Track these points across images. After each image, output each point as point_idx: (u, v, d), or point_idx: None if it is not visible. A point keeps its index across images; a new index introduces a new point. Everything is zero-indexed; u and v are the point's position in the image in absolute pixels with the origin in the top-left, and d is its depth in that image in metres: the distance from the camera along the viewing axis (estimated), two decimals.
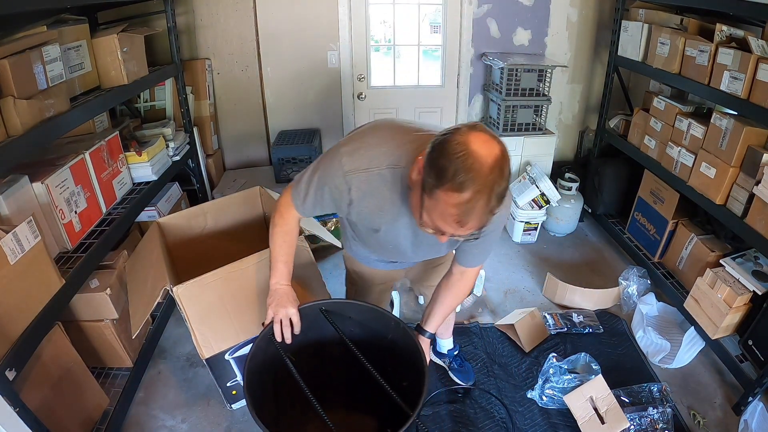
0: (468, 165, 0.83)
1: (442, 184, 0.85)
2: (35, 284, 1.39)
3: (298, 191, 1.20)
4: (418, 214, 0.96)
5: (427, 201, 0.90)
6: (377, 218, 1.14)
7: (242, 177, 3.03)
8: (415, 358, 1.23)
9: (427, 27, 3.18)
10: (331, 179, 1.10)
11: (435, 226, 0.94)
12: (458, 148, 0.85)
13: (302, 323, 1.30)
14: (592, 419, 1.72)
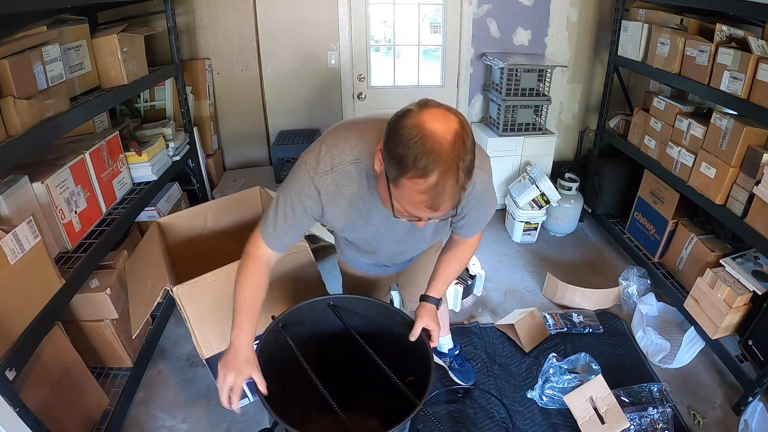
0: (428, 148, 0.79)
1: (405, 173, 0.81)
2: (35, 284, 1.39)
3: (266, 223, 1.13)
4: (389, 205, 0.93)
5: (394, 191, 0.87)
6: (352, 217, 1.11)
7: (242, 177, 3.03)
8: (421, 353, 1.22)
9: (427, 27, 3.18)
10: (299, 189, 1.05)
11: (408, 214, 0.91)
12: (413, 131, 0.80)
13: (311, 317, 1.27)
14: (592, 419, 1.72)
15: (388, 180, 0.86)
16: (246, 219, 2.20)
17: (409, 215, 0.91)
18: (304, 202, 1.07)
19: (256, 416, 1.84)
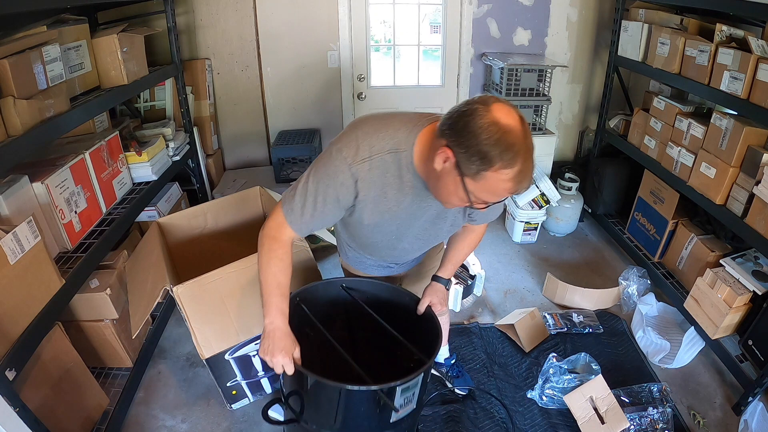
0: (510, 141, 0.88)
1: (491, 166, 0.89)
2: (35, 284, 1.39)
3: (292, 207, 1.11)
4: (453, 198, 0.99)
5: (472, 184, 0.93)
6: (380, 207, 1.12)
7: (242, 177, 3.03)
8: (428, 324, 1.29)
9: (427, 27, 3.18)
10: (335, 177, 1.06)
11: (482, 202, 0.98)
12: (492, 129, 0.88)
13: (325, 297, 1.31)
14: (592, 419, 1.72)
15: (463, 175, 0.92)
16: (246, 219, 2.20)
17: (483, 202, 0.98)
18: (338, 192, 1.07)
19: (256, 416, 1.84)
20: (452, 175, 0.95)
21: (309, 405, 1.16)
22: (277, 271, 1.12)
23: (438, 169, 0.97)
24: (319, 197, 1.08)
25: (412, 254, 1.40)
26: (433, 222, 1.21)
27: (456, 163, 0.93)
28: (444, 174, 0.97)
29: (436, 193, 1.05)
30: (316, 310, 1.30)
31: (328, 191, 1.07)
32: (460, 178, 0.94)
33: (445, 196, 1.02)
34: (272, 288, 1.11)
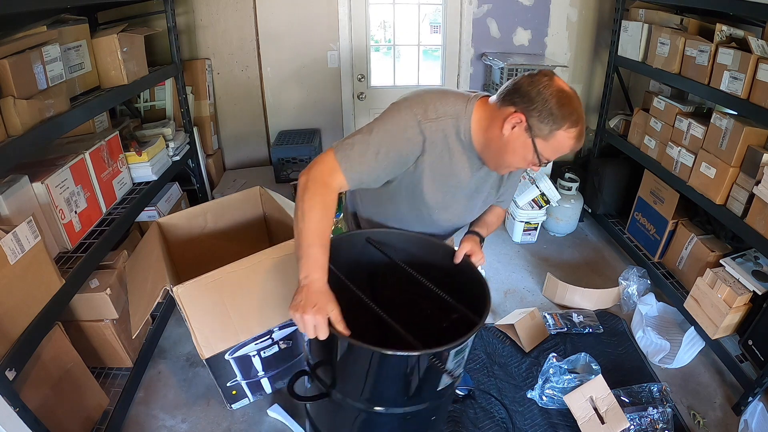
0: (574, 105, 1.03)
1: (562, 126, 1.02)
2: (35, 284, 1.39)
3: (349, 155, 1.04)
4: (517, 160, 1.09)
5: (542, 144, 1.05)
6: (435, 171, 1.15)
7: (242, 177, 3.03)
8: (470, 279, 1.19)
9: (427, 27, 3.18)
10: (402, 132, 1.06)
11: (546, 160, 1.08)
12: (560, 95, 1.02)
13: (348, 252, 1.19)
14: (592, 419, 1.72)
15: (533, 134, 1.04)
16: (246, 219, 2.20)
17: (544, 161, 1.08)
18: (403, 147, 1.08)
19: (256, 416, 1.84)
20: (522, 138, 1.05)
21: (340, 376, 1.05)
22: (320, 218, 1.00)
23: (505, 135, 1.06)
24: (383, 148, 1.06)
25: (442, 230, 1.37)
26: (471, 196, 1.25)
27: (527, 126, 1.03)
28: (512, 138, 1.06)
29: (495, 158, 1.12)
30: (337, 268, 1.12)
31: (394, 144, 1.07)
32: (531, 140, 1.04)
33: (507, 160, 1.10)
34: (313, 237, 0.99)
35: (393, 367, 1.00)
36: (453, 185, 1.20)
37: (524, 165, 1.11)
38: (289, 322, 1.77)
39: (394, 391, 1.06)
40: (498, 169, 1.17)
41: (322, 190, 1.03)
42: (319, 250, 1.00)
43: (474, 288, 1.17)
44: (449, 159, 1.14)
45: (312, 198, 1.02)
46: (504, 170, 1.17)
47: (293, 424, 1.79)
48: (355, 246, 1.24)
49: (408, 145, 1.08)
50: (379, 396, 1.07)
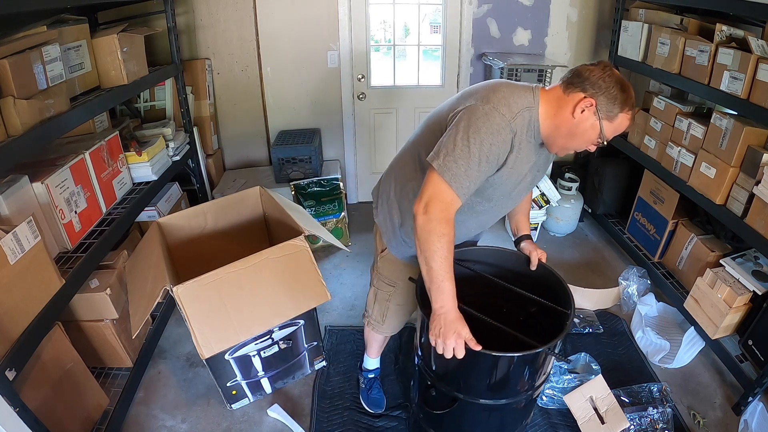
0: (631, 92, 1.14)
1: (624, 108, 1.13)
2: (35, 284, 1.39)
3: (457, 174, 1.09)
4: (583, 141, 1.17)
5: (607, 125, 1.14)
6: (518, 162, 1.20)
7: (242, 177, 3.03)
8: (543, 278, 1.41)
9: (427, 27, 3.18)
10: (498, 134, 1.11)
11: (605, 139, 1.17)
12: (621, 82, 1.13)
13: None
14: (592, 419, 1.72)
15: (601, 117, 1.13)
16: (246, 219, 2.20)
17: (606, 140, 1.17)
18: (500, 149, 1.13)
19: (256, 416, 1.85)
20: (591, 120, 1.13)
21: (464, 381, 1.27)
22: (447, 256, 1.11)
23: (576, 118, 1.14)
24: (483, 156, 1.11)
25: (494, 219, 1.45)
26: (525, 178, 1.29)
27: (596, 109, 1.12)
28: (582, 120, 1.14)
29: (564, 141, 1.19)
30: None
31: (492, 149, 1.11)
32: (598, 121, 1.13)
33: (575, 142, 1.19)
34: (444, 273, 1.11)
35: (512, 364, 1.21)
36: (522, 173, 1.25)
37: (587, 145, 1.20)
38: (289, 322, 1.77)
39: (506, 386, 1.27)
40: (561, 151, 1.23)
41: (446, 230, 1.11)
42: (449, 283, 1.12)
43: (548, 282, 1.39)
44: (526, 147, 1.20)
45: (440, 239, 1.10)
46: (566, 152, 1.23)
47: (293, 424, 1.79)
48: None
49: (504, 146, 1.14)
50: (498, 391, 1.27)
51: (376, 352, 1.86)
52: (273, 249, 1.69)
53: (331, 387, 1.97)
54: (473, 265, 1.47)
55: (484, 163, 1.11)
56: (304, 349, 1.93)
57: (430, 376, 1.35)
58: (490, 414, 1.33)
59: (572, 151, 1.24)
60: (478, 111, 1.12)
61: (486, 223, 1.45)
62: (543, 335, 1.20)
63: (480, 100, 1.14)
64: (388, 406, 1.87)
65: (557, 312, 1.30)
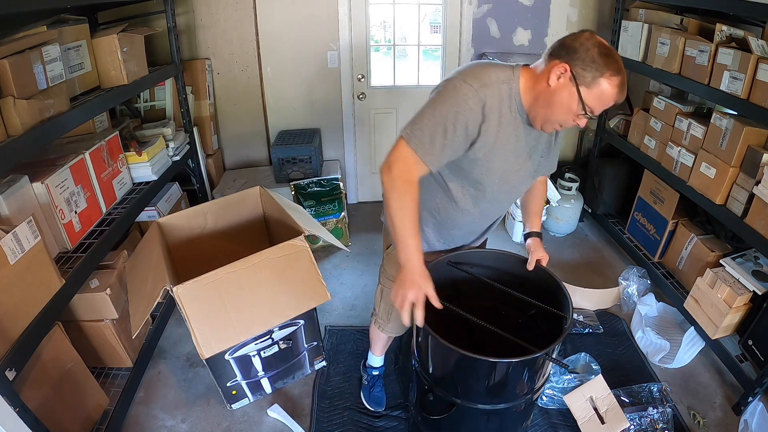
0: (615, 56, 1.07)
1: (605, 73, 1.05)
2: (35, 284, 1.39)
3: (422, 140, 1.12)
4: (563, 112, 1.11)
5: (586, 92, 1.07)
6: (499, 136, 1.17)
7: (242, 177, 3.03)
8: (542, 282, 1.38)
9: (427, 27, 3.18)
10: (464, 103, 1.11)
11: (591, 111, 1.10)
12: (601, 45, 1.06)
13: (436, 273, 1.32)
14: (592, 419, 1.72)
15: (578, 83, 1.07)
16: (246, 219, 2.20)
17: (590, 111, 1.09)
18: (468, 118, 1.12)
19: (256, 416, 1.85)
20: (567, 88, 1.08)
21: (462, 385, 1.27)
22: (411, 214, 1.15)
23: (552, 86, 1.09)
24: (449, 125, 1.11)
25: (495, 214, 1.43)
26: (524, 163, 1.26)
27: (572, 75, 1.07)
28: (558, 89, 1.09)
29: (544, 113, 1.14)
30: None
31: (459, 118, 1.11)
32: (575, 88, 1.07)
33: (554, 113, 1.12)
34: (408, 230, 1.15)
35: (511, 369, 1.21)
36: (510, 151, 1.22)
37: (570, 118, 1.12)
38: (289, 322, 1.77)
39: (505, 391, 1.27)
40: (545, 126, 1.16)
41: (407, 188, 1.14)
42: (414, 240, 1.16)
43: (547, 285, 1.37)
44: (507, 122, 1.17)
45: (402, 197, 1.14)
46: (550, 126, 1.16)
47: (293, 424, 1.79)
48: (440, 270, 1.39)
49: (471, 114, 1.12)
50: (496, 396, 1.27)
51: (381, 350, 1.86)
52: (273, 249, 1.69)
53: (331, 387, 1.97)
54: (471, 268, 1.46)
55: (450, 131, 1.11)
56: (304, 349, 1.93)
57: (428, 380, 1.35)
58: (488, 418, 1.32)
59: (558, 125, 1.15)
60: (448, 85, 1.14)
61: (486, 218, 1.42)
62: (542, 338, 1.20)
63: (452, 76, 1.16)
64: (389, 405, 1.87)
65: (556, 315, 1.29)
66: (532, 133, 1.23)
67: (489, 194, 1.30)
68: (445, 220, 1.38)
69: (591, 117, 1.12)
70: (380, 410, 1.87)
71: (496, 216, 1.47)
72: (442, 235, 1.44)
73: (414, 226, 1.16)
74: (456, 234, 1.44)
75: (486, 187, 1.27)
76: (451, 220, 1.37)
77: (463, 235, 1.45)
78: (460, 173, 1.25)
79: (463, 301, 1.44)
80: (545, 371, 1.30)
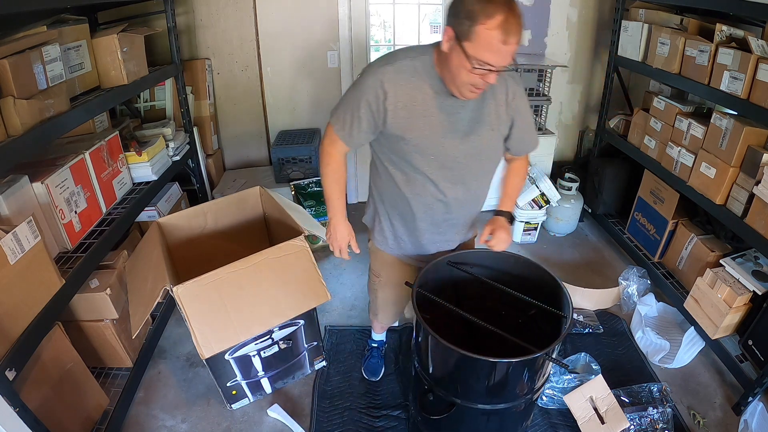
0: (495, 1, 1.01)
1: (477, 21, 1.02)
2: (35, 284, 1.39)
3: (338, 117, 1.27)
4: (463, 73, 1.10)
5: (469, 46, 1.05)
6: (413, 112, 1.21)
7: (242, 177, 3.03)
8: (542, 282, 1.39)
9: (427, 27, 3.18)
10: (365, 82, 1.20)
11: (484, 64, 1.06)
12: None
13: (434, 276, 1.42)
14: (592, 419, 1.72)
15: (462, 39, 1.06)
16: (246, 219, 2.20)
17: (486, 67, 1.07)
18: (368, 95, 1.20)
19: (256, 416, 1.85)
20: (456, 50, 1.08)
21: (462, 385, 1.29)
22: (333, 181, 1.40)
23: (446, 52, 1.12)
24: (355, 106, 1.22)
25: (456, 193, 1.35)
26: (472, 127, 1.26)
27: (455, 35, 1.07)
28: (450, 52, 1.11)
29: (451, 80, 1.15)
30: (429, 290, 1.37)
31: (361, 97, 1.21)
32: (460, 47, 1.06)
33: (458, 77, 1.13)
34: (331, 192, 1.41)
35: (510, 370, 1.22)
36: (436, 125, 1.23)
37: (472, 77, 1.10)
38: (289, 322, 1.77)
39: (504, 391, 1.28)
40: (461, 91, 1.16)
41: (333, 161, 1.37)
42: (337, 202, 1.42)
43: (547, 285, 1.37)
44: (423, 96, 1.20)
45: (325, 167, 1.38)
46: (465, 90, 1.15)
47: (293, 424, 1.79)
48: (440, 270, 1.45)
49: (371, 91, 1.19)
50: (496, 396, 1.28)
51: (380, 330, 2.01)
52: (273, 249, 1.69)
53: (331, 387, 1.97)
54: (471, 268, 1.46)
55: (356, 110, 1.22)
56: (304, 349, 1.93)
57: (428, 380, 1.35)
58: (488, 418, 1.33)
59: (471, 87, 1.13)
60: (363, 70, 1.25)
61: (446, 204, 1.37)
62: (542, 338, 1.21)
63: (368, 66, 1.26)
64: (389, 405, 1.87)
65: (556, 315, 1.30)
66: (466, 105, 1.22)
67: (433, 175, 1.30)
68: (405, 211, 1.41)
69: (495, 70, 1.08)
70: (375, 380, 1.99)
71: (458, 202, 1.40)
72: (411, 229, 1.45)
73: (335, 191, 1.41)
74: (423, 227, 1.43)
75: (423, 166, 1.29)
76: (410, 209, 1.39)
77: (430, 227, 1.43)
78: (395, 159, 1.31)
79: (463, 301, 1.46)
80: (545, 371, 1.30)
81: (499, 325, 1.21)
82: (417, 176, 1.31)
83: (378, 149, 1.36)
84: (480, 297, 1.49)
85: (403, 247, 1.51)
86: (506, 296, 1.40)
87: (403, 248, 1.52)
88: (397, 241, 1.50)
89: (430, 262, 1.42)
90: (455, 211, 1.42)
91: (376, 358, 2.04)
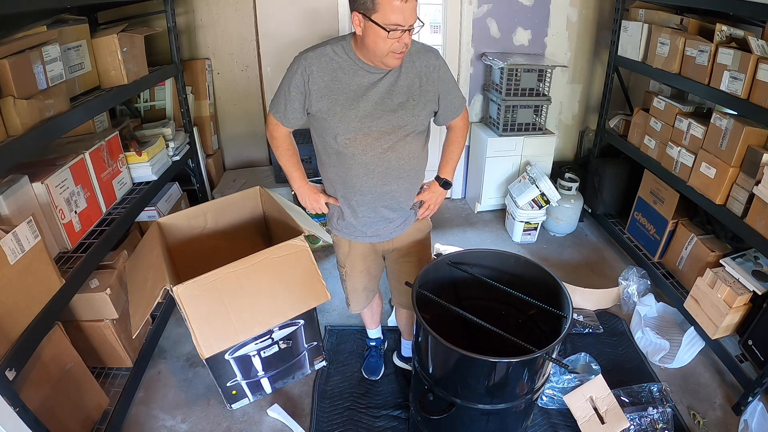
0: None
1: None
2: (35, 284, 1.39)
3: (274, 105, 1.46)
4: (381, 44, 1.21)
5: (378, 16, 1.18)
6: (335, 90, 1.33)
7: (242, 177, 3.03)
8: (542, 282, 1.39)
9: (427, 27, 3.18)
10: (292, 71, 1.35)
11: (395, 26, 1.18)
12: None
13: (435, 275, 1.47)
14: (592, 419, 1.72)
15: (369, 16, 1.18)
16: (246, 219, 2.20)
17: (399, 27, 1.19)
18: (295, 78, 1.35)
19: (256, 416, 1.85)
20: (369, 27, 1.21)
21: (462, 385, 1.29)
22: (286, 159, 1.54)
23: (360, 34, 1.24)
24: (285, 89, 1.39)
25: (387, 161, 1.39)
26: (388, 93, 1.34)
27: (363, 16, 1.20)
28: (364, 33, 1.23)
29: (372, 55, 1.27)
30: (430, 290, 1.39)
31: (290, 82, 1.36)
32: (371, 22, 1.19)
33: (376, 49, 1.24)
34: (288, 167, 1.55)
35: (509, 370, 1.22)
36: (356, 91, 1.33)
37: (390, 43, 1.22)
38: (289, 322, 1.77)
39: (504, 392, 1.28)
40: (385, 61, 1.27)
41: (276, 143, 1.53)
42: (296, 173, 1.56)
43: (547, 285, 1.37)
44: (345, 75, 1.32)
45: (276, 150, 1.55)
46: (389, 59, 1.26)
47: (293, 424, 1.79)
48: (440, 270, 1.48)
49: (296, 76, 1.34)
50: (495, 396, 1.28)
51: (372, 325, 2.04)
52: (273, 249, 1.69)
53: (331, 387, 1.97)
54: (471, 268, 1.47)
55: (287, 93, 1.38)
56: (304, 349, 1.93)
57: (428, 380, 1.35)
58: (488, 418, 1.33)
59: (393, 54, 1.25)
60: None
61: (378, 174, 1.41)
62: (542, 338, 1.21)
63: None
64: (389, 405, 1.88)
65: (556, 315, 1.30)
66: (387, 80, 1.33)
67: (360, 150, 1.37)
68: (345, 183, 1.46)
69: (407, 28, 1.20)
70: (374, 379, 1.99)
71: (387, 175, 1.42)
72: (353, 204, 1.49)
73: (291, 165, 1.54)
74: (362, 200, 1.47)
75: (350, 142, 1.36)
76: (348, 181, 1.44)
77: (370, 201, 1.46)
78: (328, 139, 1.40)
79: (463, 301, 1.46)
80: (545, 371, 1.30)
81: (499, 325, 1.21)
82: (346, 151, 1.39)
83: (314, 134, 1.48)
84: (479, 297, 1.49)
85: (350, 227, 1.55)
86: (506, 296, 1.41)
87: (351, 230, 1.56)
88: (346, 222, 1.55)
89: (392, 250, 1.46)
90: (388, 185, 1.44)
91: (376, 357, 2.05)
